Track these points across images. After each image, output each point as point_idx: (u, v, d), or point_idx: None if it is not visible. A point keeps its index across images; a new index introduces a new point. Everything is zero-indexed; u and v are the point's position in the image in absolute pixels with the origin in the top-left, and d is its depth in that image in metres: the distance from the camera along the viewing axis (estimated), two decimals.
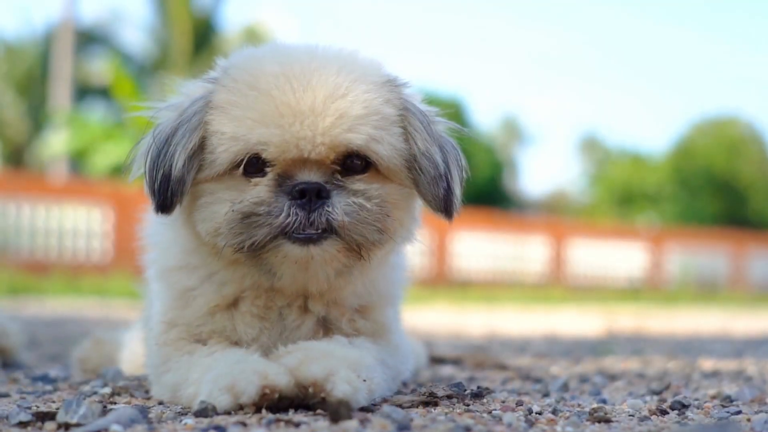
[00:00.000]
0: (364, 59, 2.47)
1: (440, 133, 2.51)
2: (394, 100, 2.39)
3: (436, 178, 2.38)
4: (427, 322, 8.50)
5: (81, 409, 2.17)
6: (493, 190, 35.02)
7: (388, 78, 2.44)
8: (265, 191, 2.29)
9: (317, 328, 2.54)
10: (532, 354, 5.01)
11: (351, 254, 2.34)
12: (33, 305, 10.66)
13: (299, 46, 2.50)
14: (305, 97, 2.28)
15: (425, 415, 2.31)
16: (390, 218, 2.34)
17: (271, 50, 2.48)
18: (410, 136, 2.39)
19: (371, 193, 2.31)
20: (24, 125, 34.19)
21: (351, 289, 2.52)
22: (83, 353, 3.57)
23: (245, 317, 2.50)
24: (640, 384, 3.39)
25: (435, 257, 21.59)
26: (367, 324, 2.59)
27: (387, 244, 2.39)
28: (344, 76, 2.32)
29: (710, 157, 41.74)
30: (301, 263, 2.32)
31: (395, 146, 2.35)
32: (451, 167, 2.44)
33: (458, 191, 2.46)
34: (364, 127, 2.29)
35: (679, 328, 8.68)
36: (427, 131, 2.40)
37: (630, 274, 24.92)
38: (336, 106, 2.28)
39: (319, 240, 2.28)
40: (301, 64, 2.34)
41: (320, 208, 2.26)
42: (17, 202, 16.54)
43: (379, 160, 2.32)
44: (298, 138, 2.26)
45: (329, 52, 2.44)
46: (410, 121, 2.39)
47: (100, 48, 33.98)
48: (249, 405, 2.20)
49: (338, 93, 2.29)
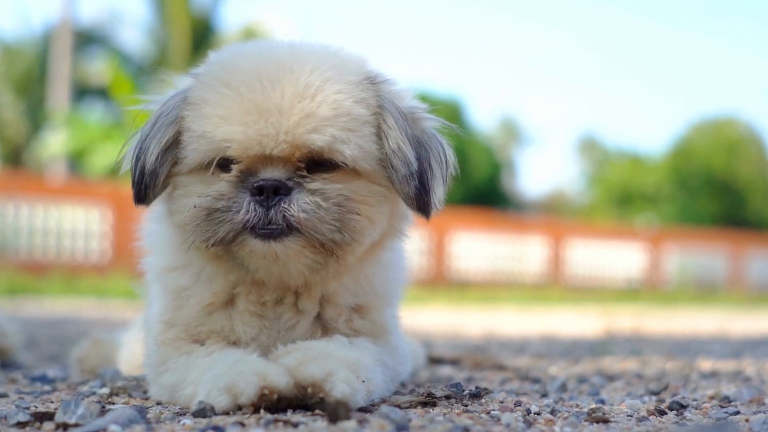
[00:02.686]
0: (344, 56, 2.46)
1: (424, 130, 2.48)
2: (369, 99, 2.38)
3: (406, 176, 2.35)
4: (426, 323, 8.50)
5: (79, 410, 2.17)
6: (491, 190, 35.02)
7: (368, 75, 2.42)
8: (226, 187, 2.32)
9: (315, 328, 2.54)
10: (531, 354, 5.01)
11: (317, 251, 2.32)
12: (31, 305, 10.65)
13: (282, 43, 2.50)
14: (273, 96, 2.29)
15: (423, 415, 2.31)
16: (353, 216, 2.32)
17: (253, 47, 2.50)
18: (384, 135, 2.37)
19: (329, 192, 2.30)
20: (22, 125, 34.16)
21: (340, 287, 2.51)
22: (82, 353, 3.57)
23: (243, 316, 2.50)
24: (639, 384, 3.39)
25: (433, 257, 21.58)
26: (365, 324, 2.58)
27: (356, 243, 2.35)
28: (317, 75, 2.33)
29: (709, 158, 41.75)
30: (269, 258, 2.32)
31: (363, 147, 2.33)
32: (430, 165, 2.42)
33: (439, 189, 2.44)
34: (329, 128, 2.29)
35: (678, 329, 8.68)
36: (402, 129, 2.37)
37: (629, 274, 24.93)
38: (302, 106, 2.29)
39: (280, 236, 2.29)
40: (275, 62, 2.36)
41: (277, 205, 2.28)
42: (16, 203, 16.53)
43: (344, 161, 2.31)
44: (261, 135, 2.28)
45: (308, 50, 2.44)
46: (385, 120, 2.38)
47: (98, 48, 33.95)
48: (248, 405, 2.20)
49: (307, 92, 2.30)
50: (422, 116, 2.50)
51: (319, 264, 2.36)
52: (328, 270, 2.41)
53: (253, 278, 2.43)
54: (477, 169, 33.95)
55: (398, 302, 2.75)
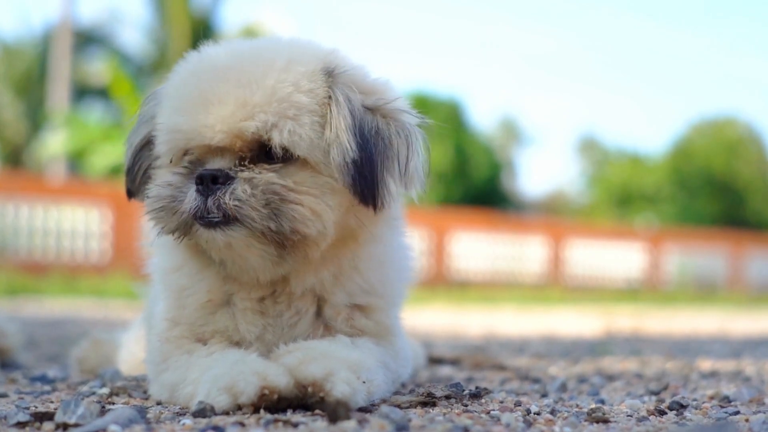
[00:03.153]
0: (303, 49, 2.45)
1: (388, 122, 2.41)
2: (318, 89, 2.36)
3: (341, 165, 2.31)
4: (426, 323, 8.50)
5: (79, 410, 2.17)
6: (491, 190, 35.00)
7: (325, 67, 2.40)
8: (177, 177, 2.37)
9: (317, 326, 2.53)
10: (531, 354, 5.01)
11: (265, 242, 2.32)
12: (31, 306, 10.65)
13: (251, 40, 2.54)
14: (217, 87, 2.33)
15: (423, 415, 2.31)
16: (292, 206, 2.30)
17: (225, 44, 2.53)
18: (327, 124, 2.35)
19: (257, 180, 2.30)
20: (22, 126, 34.17)
21: (332, 285, 2.49)
22: (81, 353, 3.57)
23: (245, 314, 2.50)
24: (639, 384, 3.39)
25: (433, 258, 21.59)
26: (369, 324, 2.57)
27: (300, 234, 2.31)
28: (263, 66, 2.35)
29: (709, 158, 41.75)
30: (223, 247, 2.33)
31: (301, 134, 2.31)
32: (381, 157, 2.35)
33: (389, 182, 2.37)
34: (261, 114, 2.29)
35: (678, 329, 8.68)
36: (345, 119, 2.33)
37: (628, 274, 24.94)
38: (238, 94, 2.31)
39: (221, 225, 2.30)
40: (231, 56, 2.40)
41: (213, 194, 2.30)
42: (15, 203, 16.53)
43: (279, 148, 2.31)
44: (202, 125, 2.32)
45: (270, 44, 2.47)
46: (331, 109, 2.35)
47: (98, 48, 33.96)
48: (248, 405, 2.20)
49: (247, 82, 2.32)
50: (390, 109, 2.43)
51: (276, 256, 2.35)
52: (291, 263, 2.38)
53: (227, 273, 2.44)
54: (477, 169, 33.94)
55: (402, 302, 2.73)
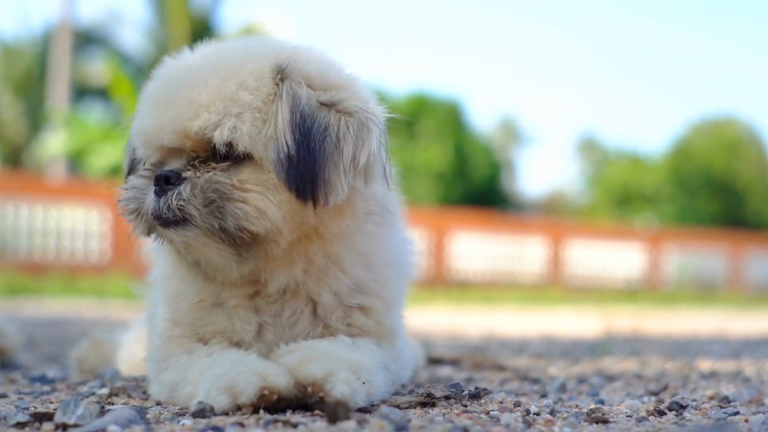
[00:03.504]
0: (260, 48, 2.46)
1: (340, 119, 2.36)
2: (264, 87, 2.35)
3: (276, 162, 2.30)
4: (425, 323, 8.50)
5: (79, 410, 2.18)
6: (491, 190, 34.99)
7: (277, 65, 2.38)
8: (140, 180, 2.43)
9: (315, 326, 2.53)
10: (530, 355, 5.01)
11: (218, 240, 2.33)
12: (31, 306, 10.65)
13: (222, 43, 2.54)
14: (173, 90, 2.38)
15: (423, 415, 2.31)
16: (234, 204, 2.30)
17: (202, 46, 2.54)
18: (269, 121, 2.34)
19: (198, 180, 2.33)
20: (22, 126, 34.16)
21: (317, 283, 2.48)
22: (81, 353, 3.57)
23: (238, 312, 2.50)
24: (638, 385, 3.39)
25: (433, 258, 21.59)
26: (368, 323, 2.56)
27: (246, 231, 2.31)
28: (216, 67, 2.38)
29: (708, 158, 41.74)
30: (183, 247, 2.38)
31: (244, 131, 2.31)
32: (320, 153, 2.30)
33: (334, 178, 2.31)
34: (204, 113, 2.32)
35: (677, 329, 8.68)
36: (285, 115, 2.32)
37: (628, 274, 24.93)
38: (186, 95, 2.35)
39: (174, 225, 2.34)
40: (194, 60, 2.44)
41: (164, 195, 2.34)
42: (15, 203, 16.53)
43: (219, 146, 2.33)
44: (157, 127, 2.38)
45: (233, 46, 2.48)
46: (276, 106, 2.34)
47: (98, 49, 33.96)
48: (247, 406, 2.20)
49: (196, 83, 2.35)
50: (345, 105, 2.38)
51: (235, 254, 2.36)
52: (253, 261, 2.38)
53: (204, 274, 2.47)
54: (477, 170, 33.94)
55: (402, 300, 2.71)
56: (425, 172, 32.06)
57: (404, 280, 2.71)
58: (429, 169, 32.16)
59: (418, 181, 31.22)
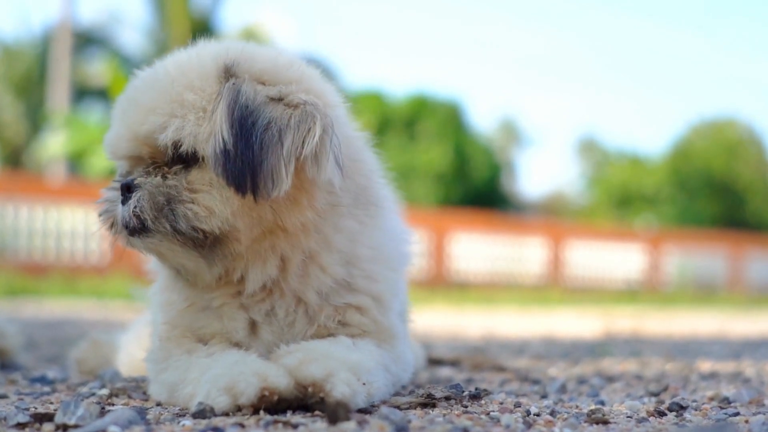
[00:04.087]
0: (211, 51, 2.47)
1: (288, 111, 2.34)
2: (209, 87, 2.37)
3: (212, 157, 2.30)
4: (425, 324, 8.50)
5: (79, 411, 2.18)
6: (491, 191, 34.97)
7: (225, 65, 2.39)
8: (110, 192, 2.47)
9: (311, 325, 2.53)
10: (530, 355, 5.01)
11: (182, 245, 2.36)
12: (31, 307, 10.65)
13: (188, 49, 2.55)
14: (129, 98, 2.43)
15: (423, 416, 2.31)
16: (182, 206, 2.33)
17: (169, 55, 2.57)
18: (209, 119, 2.34)
19: (147, 185, 2.36)
20: (22, 127, 34.16)
21: (297, 282, 2.47)
22: (80, 354, 3.58)
23: (226, 311, 2.50)
24: (638, 385, 3.39)
25: (433, 259, 21.58)
26: (364, 321, 2.55)
27: (199, 231, 2.33)
28: (167, 72, 2.42)
29: (708, 159, 41.74)
30: (155, 254, 2.44)
31: (187, 131, 2.33)
32: (261, 146, 2.29)
33: (275, 171, 2.29)
34: (152, 116, 2.35)
35: (677, 330, 8.68)
36: (223, 111, 2.32)
37: (628, 275, 24.93)
38: (138, 102, 2.39)
39: (138, 233, 2.38)
40: (157, 67, 2.48)
41: (125, 203, 2.40)
42: (15, 204, 16.53)
43: (167, 149, 2.35)
44: (116, 137, 2.45)
45: (193, 51, 2.51)
46: (215, 104, 2.35)
47: (98, 49, 33.96)
48: (247, 406, 2.20)
49: (146, 89, 2.40)
50: (293, 98, 2.37)
51: (201, 257, 2.39)
52: (221, 261, 2.40)
53: (185, 279, 2.50)
54: (476, 171, 33.93)
55: (397, 295, 2.66)
56: (425, 173, 32.06)
57: (397, 276, 2.66)
58: (429, 170, 32.16)
59: (418, 182, 31.21)
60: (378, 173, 2.68)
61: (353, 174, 2.54)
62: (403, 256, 2.71)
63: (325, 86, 2.54)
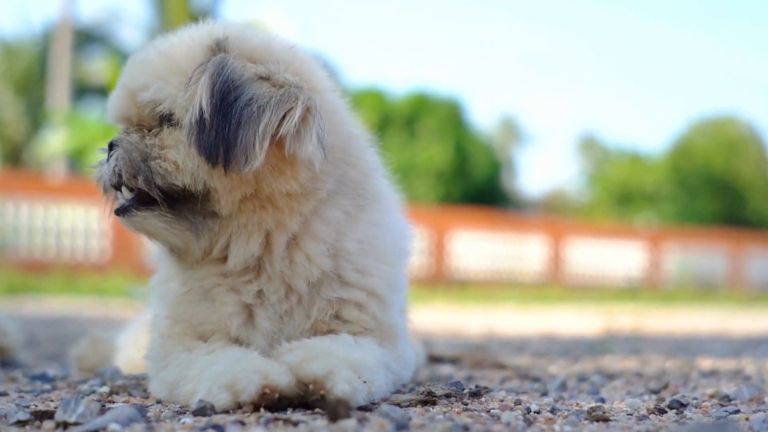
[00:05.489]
0: (208, 27, 2.56)
1: (273, 89, 2.37)
2: (197, 57, 2.44)
3: (187, 125, 2.35)
4: (426, 321, 8.50)
5: (79, 408, 2.17)
6: (491, 189, 34.97)
7: (216, 40, 2.46)
8: (102, 152, 2.56)
9: (308, 317, 2.52)
10: (531, 353, 5.01)
11: (162, 220, 2.43)
12: (31, 304, 10.66)
13: (196, 25, 2.64)
14: (134, 59, 2.54)
15: (423, 414, 2.31)
16: (155, 162, 2.41)
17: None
18: (191, 86, 2.40)
19: (124, 143, 2.46)
20: (22, 124, 34.16)
21: (288, 269, 2.48)
22: (80, 352, 3.58)
23: (219, 294, 2.51)
24: (639, 383, 3.39)
25: (433, 256, 21.59)
26: (363, 317, 2.55)
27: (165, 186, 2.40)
28: (167, 42, 2.52)
29: (709, 157, 41.75)
30: (144, 232, 2.49)
31: (167, 92, 2.41)
32: (238, 120, 2.32)
33: (246, 144, 2.31)
34: (141, 75, 2.45)
35: (678, 328, 8.68)
36: (205, 82, 2.36)
37: (628, 273, 24.93)
38: (136, 61, 2.51)
39: (122, 211, 2.48)
40: (167, 37, 2.57)
41: (108, 161, 2.51)
42: (15, 201, 16.53)
43: (145, 108, 2.44)
44: (113, 98, 2.54)
45: (191, 29, 2.59)
46: (200, 73, 2.39)
47: (98, 47, 33.95)
48: (248, 404, 2.20)
49: (147, 52, 2.51)
50: (279, 77, 2.40)
51: (188, 230, 2.43)
52: (204, 231, 2.44)
53: (178, 259, 2.54)
54: (477, 168, 33.93)
55: (395, 290, 2.65)
56: (425, 171, 32.06)
57: (394, 271, 2.63)
58: (429, 168, 32.16)
59: (418, 180, 31.22)
60: (374, 167, 2.67)
61: (340, 163, 2.54)
62: (400, 250, 2.69)
63: (317, 71, 2.56)
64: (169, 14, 29.24)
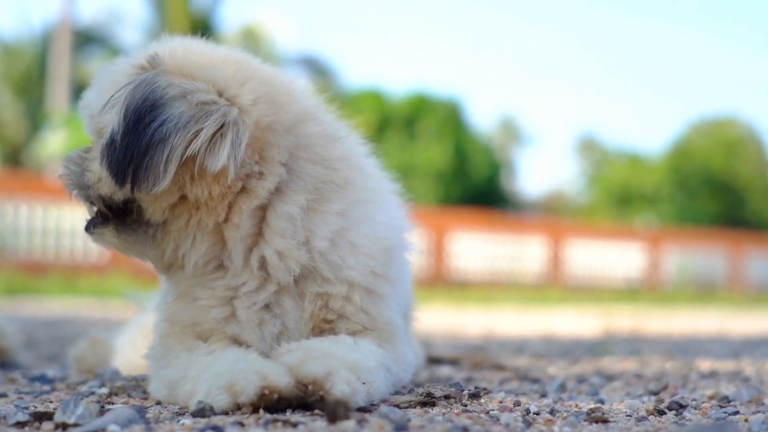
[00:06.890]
0: (156, 47, 2.57)
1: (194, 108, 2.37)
2: (124, 79, 2.47)
3: (101, 147, 2.39)
4: (425, 323, 8.48)
5: (78, 409, 2.17)
6: (491, 190, 34.99)
7: (149, 59, 2.48)
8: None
9: (302, 309, 2.53)
10: (530, 354, 5.01)
11: (115, 235, 2.53)
12: (30, 305, 10.65)
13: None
14: (97, 77, 2.63)
15: (423, 415, 2.31)
16: (86, 174, 2.51)
17: None
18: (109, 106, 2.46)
19: (69, 157, 2.59)
20: (22, 125, 34.15)
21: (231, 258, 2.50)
22: (79, 353, 3.58)
23: (197, 290, 2.53)
24: (638, 384, 3.39)
25: (433, 257, 21.59)
26: (349, 309, 2.53)
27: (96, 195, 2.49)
28: (117, 62, 2.61)
29: (708, 158, 41.76)
30: (106, 246, 2.61)
31: (95, 108, 2.50)
32: (149, 142, 2.32)
33: (154, 166, 2.33)
34: (90, 93, 2.57)
35: (677, 329, 8.68)
36: (122, 101, 2.38)
37: (628, 274, 24.94)
38: (96, 79, 2.60)
39: (87, 228, 2.60)
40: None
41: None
42: (15, 202, 16.53)
43: (89, 123, 2.54)
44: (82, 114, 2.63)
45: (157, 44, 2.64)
46: (121, 94, 2.42)
47: (97, 48, 33.95)
48: (247, 405, 2.19)
49: (97, 74, 2.62)
50: (203, 97, 2.39)
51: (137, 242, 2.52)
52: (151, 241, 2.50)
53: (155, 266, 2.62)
54: (476, 169, 33.94)
55: (386, 287, 2.61)
56: (425, 172, 32.06)
57: (376, 264, 2.58)
58: (429, 169, 32.16)
59: (417, 181, 31.22)
60: (346, 159, 2.62)
61: (294, 159, 2.51)
62: (383, 241, 2.61)
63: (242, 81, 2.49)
64: (168, 15, 29.25)
